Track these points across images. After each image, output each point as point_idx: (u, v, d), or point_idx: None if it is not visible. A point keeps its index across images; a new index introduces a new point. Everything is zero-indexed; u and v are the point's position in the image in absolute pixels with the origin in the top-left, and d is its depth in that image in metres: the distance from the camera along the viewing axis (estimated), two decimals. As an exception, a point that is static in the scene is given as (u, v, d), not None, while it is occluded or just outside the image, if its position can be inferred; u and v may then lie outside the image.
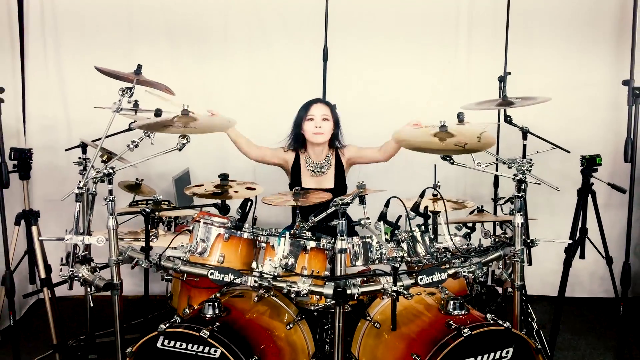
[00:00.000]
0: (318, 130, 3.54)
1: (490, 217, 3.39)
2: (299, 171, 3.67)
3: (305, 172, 3.66)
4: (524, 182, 2.75)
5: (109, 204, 2.67)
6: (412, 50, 4.51)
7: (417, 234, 2.74)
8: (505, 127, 3.91)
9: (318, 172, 3.65)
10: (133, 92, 2.85)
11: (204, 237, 2.69)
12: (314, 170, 3.65)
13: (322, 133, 3.55)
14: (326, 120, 3.57)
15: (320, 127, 3.54)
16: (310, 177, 3.66)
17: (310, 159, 3.66)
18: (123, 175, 3.69)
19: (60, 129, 4.50)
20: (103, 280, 2.77)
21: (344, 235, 2.41)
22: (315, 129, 3.54)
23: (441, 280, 2.51)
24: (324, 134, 3.56)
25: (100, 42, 4.41)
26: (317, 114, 3.57)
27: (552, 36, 4.48)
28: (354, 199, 2.53)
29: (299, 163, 3.68)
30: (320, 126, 3.54)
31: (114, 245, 2.70)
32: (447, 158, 2.74)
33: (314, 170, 3.65)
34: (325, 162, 3.66)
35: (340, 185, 3.60)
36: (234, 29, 4.55)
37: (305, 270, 2.58)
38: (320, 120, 3.55)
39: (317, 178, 3.66)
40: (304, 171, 3.67)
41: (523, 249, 2.79)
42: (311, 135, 3.57)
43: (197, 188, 2.74)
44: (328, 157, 3.67)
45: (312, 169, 3.66)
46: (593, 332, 4.09)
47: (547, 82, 4.36)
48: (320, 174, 3.65)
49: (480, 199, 4.45)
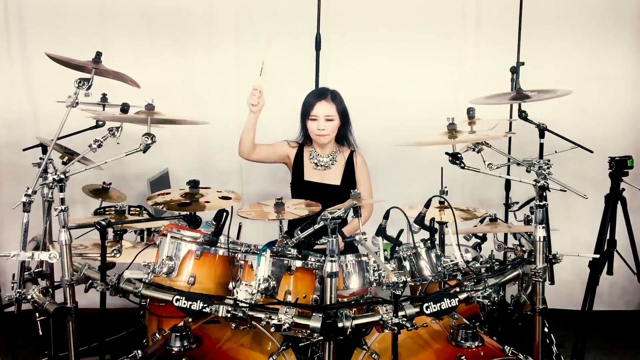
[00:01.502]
0: (321, 133, 3.30)
1: (505, 228, 2.96)
2: (302, 164, 3.42)
3: (309, 164, 3.42)
4: (546, 189, 2.34)
5: (60, 214, 2.30)
6: (414, 41, 4.13)
7: (422, 250, 2.33)
8: (516, 123, 3.53)
9: (322, 165, 3.41)
10: (91, 84, 2.47)
11: (171, 255, 2.29)
12: (317, 163, 3.41)
13: (325, 135, 3.31)
14: (330, 120, 3.30)
15: (324, 129, 3.29)
16: (313, 169, 3.42)
17: (315, 152, 3.43)
18: (95, 177, 3.34)
19: (27, 124, 4.15)
20: (55, 303, 2.38)
21: (334, 256, 2.01)
22: (318, 131, 3.30)
23: (451, 308, 2.11)
24: (328, 135, 3.32)
25: (70, 32, 4.04)
26: (320, 114, 3.30)
27: (567, 24, 4.10)
28: (347, 212, 2.12)
29: (301, 156, 3.44)
30: (323, 128, 3.29)
31: (67, 263, 2.33)
32: (456, 161, 2.35)
33: (317, 163, 3.41)
34: (330, 157, 3.42)
35: (347, 186, 3.26)
36: (219, 16, 4.19)
37: (290, 295, 2.17)
38: (324, 121, 3.29)
39: (320, 172, 3.41)
40: (307, 163, 3.42)
41: (545, 267, 2.39)
42: (314, 136, 3.35)
43: (162, 197, 2.32)
44: (334, 153, 3.43)
45: (316, 161, 3.41)
46: (616, 349, 3.72)
47: (562, 74, 4.00)
48: (324, 168, 3.41)
49: (489, 203, 4.10)
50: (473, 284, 2.25)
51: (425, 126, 3.84)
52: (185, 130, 4.06)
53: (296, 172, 3.43)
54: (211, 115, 3.94)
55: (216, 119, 3.54)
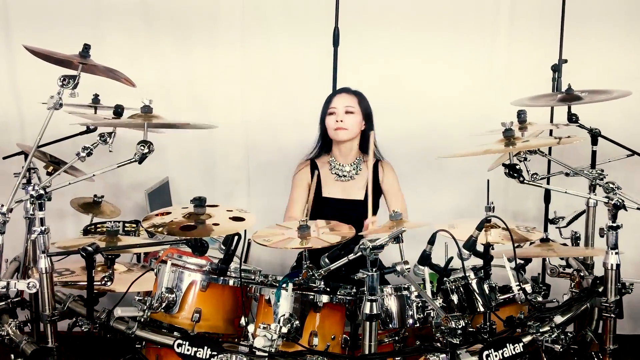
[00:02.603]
0: (340, 125, 2.91)
1: (559, 251, 2.55)
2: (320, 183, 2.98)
3: (329, 175, 3.01)
4: (622, 208, 1.96)
5: (39, 237, 1.95)
6: (440, 37, 3.73)
7: (473, 281, 1.94)
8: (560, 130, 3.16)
9: (345, 176, 2.99)
10: (77, 82, 2.14)
11: (172, 286, 1.96)
12: (339, 173, 2.99)
13: (344, 128, 2.91)
14: (351, 113, 2.93)
15: (343, 120, 2.90)
16: (335, 181, 3.00)
17: (336, 161, 3.02)
18: (85, 189, 2.99)
19: (13, 129, 3.77)
20: (32, 344, 2.01)
21: (375, 295, 1.62)
22: (337, 124, 2.92)
23: (514, 356, 1.72)
24: (348, 129, 2.92)
25: (59, 25, 3.67)
26: (339, 105, 2.95)
27: (612, 18, 3.70)
28: (390, 240, 1.73)
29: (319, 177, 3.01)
30: (342, 120, 2.91)
31: (48, 294, 1.98)
32: (515, 174, 1.98)
33: (339, 173, 2.99)
34: (354, 166, 3.01)
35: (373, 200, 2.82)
36: (224, 9, 3.81)
37: (316, 338, 1.80)
38: (343, 113, 2.92)
39: (343, 183, 2.98)
40: (326, 175, 3.00)
41: (618, 301, 2.00)
42: (332, 131, 2.95)
43: (160, 218, 1.93)
44: (358, 161, 3.02)
45: (338, 171, 2.99)
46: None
47: (605, 74, 3.60)
48: (347, 179, 2.99)
49: (525, 216, 3.75)
50: (538, 324, 1.86)
51: (455, 131, 3.56)
52: (187, 135, 3.70)
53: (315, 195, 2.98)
54: (215, 118, 3.66)
55: (220, 122, 3.17)
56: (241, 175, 3.85)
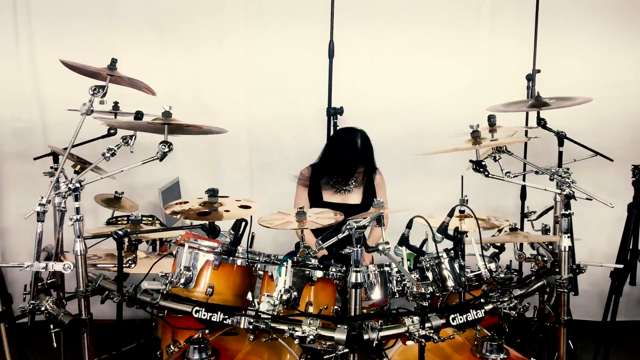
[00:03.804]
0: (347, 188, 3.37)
1: (525, 238, 2.89)
2: (319, 187, 3.38)
3: (329, 188, 3.39)
4: (572, 198, 2.29)
5: (75, 224, 2.25)
6: (427, 45, 4.05)
7: (445, 260, 2.28)
8: (531, 132, 3.47)
9: (344, 190, 3.38)
10: (106, 91, 2.42)
11: (189, 265, 2.25)
12: (339, 188, 3.38)
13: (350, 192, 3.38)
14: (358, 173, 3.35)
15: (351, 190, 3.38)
16: (334, 193, 3.39)
17: (337, 178, 3.36)
18: (106, 186, 3.27)
19: (36, 133, 4.06)
20: (69, 315, 2.33)
21: (359, 266, 1.95)
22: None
23: (477, 320, 2.07)
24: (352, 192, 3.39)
25: (78, 38, 3.96)
26: None
27: (585, 25, 4.02)
28: (372, 221, 2.07)
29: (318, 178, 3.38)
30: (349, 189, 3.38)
31: (82, 273, 2.29)
32: (480, 169, 2.31)
33: (339, 188, 3.38)
34: (352, 181, 3.38)
35: (368, 204, 3.16)
36: (229, 18, 4.10)
37: (311, 307, 2.13)
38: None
39: (342, 195, 3.39)
40: (328, 187, 3.39)
41: (570, 278, 2.34)
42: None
43: (180, 206, 2.27)
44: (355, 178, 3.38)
45: (337, 187, 3.38)
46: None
47: (579, 80, 3.91)
48: (345, 192, 3.39)
49: (504, 211, 4.04)
50: (498, 295, 2.19)
51: (442, 133, 3.87)
52: (196, 139, 3.98)
53: (314, 194, 3.37)
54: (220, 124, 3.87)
55: (226, 126, 3.48)
56: (245, 175, 4.13)
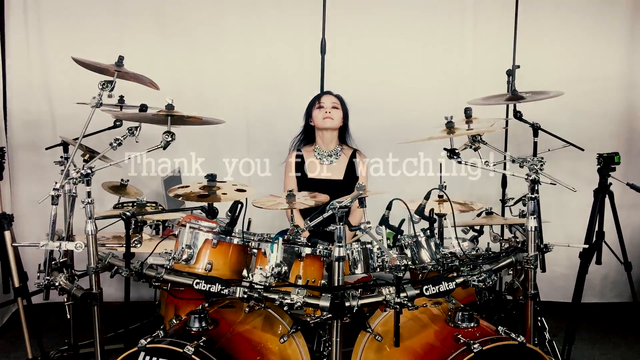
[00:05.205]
0: (327, 115, 3.60)
1: (500, 220, 3.15)
2: (303, 166, 3.68)
3: (314, 160, 3.69)
4: (537, 183, 2.53)
5: (87, 207, 2.47)
6: (415, 41, 4.30)
7: (422, 239, 2.51)
8: (513, 124, 3.68)
9: (327, 159, 3.68)
10: (114, 86, 2.65)
11: (190, 243, 2.46)
12: (322, 158, 3.68)
13: (331, 118, 3.61)
14: (336, 108, 3.64)
15: (330, 112, 3.61)
16: (319, 165, 3.69)
17: (320, 148, 3.70)
18: (111, 175, 3.49)
19: (45, 125, 4.27)
20: (81, 289, 2.57)
21: (342, 242, 2.19)
22: (325, 114, 3.61)
23: (449, 290, 2.30)
24: (334, 119, 3.62)
25: (85, 32, 4.19)
26: (327, 102, 3.65)
27: (562, 26, 4.26)
28: (353, 201, 2.30)
29: (302, 161, 3.70)
30: (329, 111, 3.61)
31: (93, 251, 2.51)
32: (454, 156, 2.54)
33: (322, 158, 3.68)
34: (335, 152, 3.69)
35: (350, 181, 3.58)
36: (228, 17, 4.31)
37: (300, 280, 2.36)
38: (330, 107, 3.63)
39: (325, 166, 3.69)
40: (311, 161, 3.69)
41: (537, 255, 2.57)
42: (320, 120, 3.62)
43: (182, 189, 2.50)
44: (338, 149, 3.70)
45: (321, 156, 3.68)
46: (608, 340, 3.86)
47: (557, 75, 4.17)
48: (328, 163, 3.68)
49: (487, 200, 4.24)
50: (469, 270, 2.43)
51: (428, 124, 4.11)
52: (195, 131, 4.16)
53: (300, 176, 3.68)
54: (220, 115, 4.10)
55: (225, 118, 3.68)
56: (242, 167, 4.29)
